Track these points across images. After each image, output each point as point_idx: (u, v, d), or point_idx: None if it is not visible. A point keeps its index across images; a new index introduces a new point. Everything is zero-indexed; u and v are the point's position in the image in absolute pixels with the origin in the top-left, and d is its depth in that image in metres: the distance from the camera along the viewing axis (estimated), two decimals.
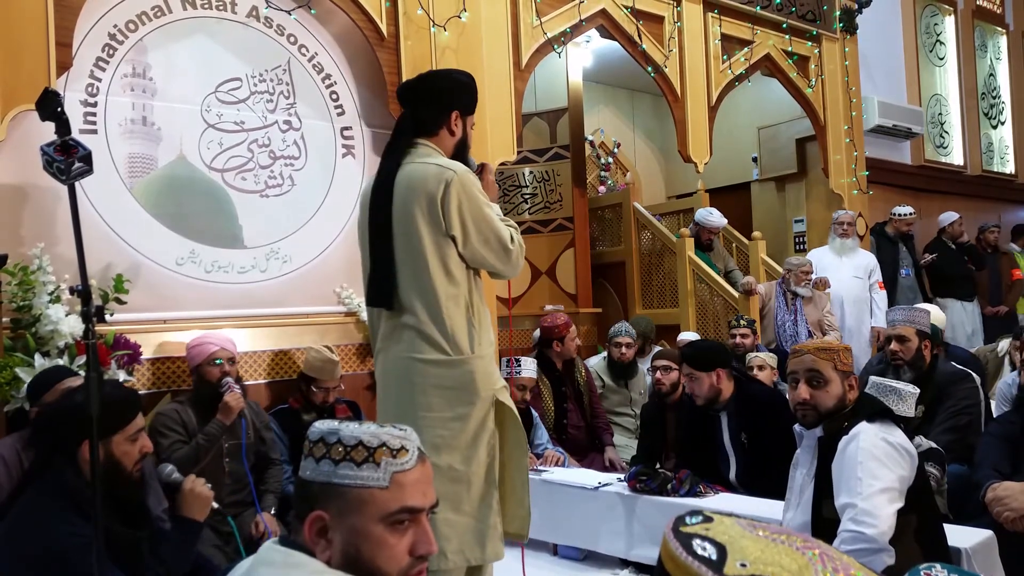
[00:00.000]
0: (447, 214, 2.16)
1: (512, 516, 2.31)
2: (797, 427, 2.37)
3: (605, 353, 5.05)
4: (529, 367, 4.12)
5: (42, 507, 1.95)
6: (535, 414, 4.18)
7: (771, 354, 4.49)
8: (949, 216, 7.22)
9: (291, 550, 1.15)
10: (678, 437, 3.81)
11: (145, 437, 2.09)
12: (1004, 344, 4.82)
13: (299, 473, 1.21)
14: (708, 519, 0.71)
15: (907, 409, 2.86)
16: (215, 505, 2.24)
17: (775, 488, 2.58)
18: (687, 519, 0.71)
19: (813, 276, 5.50)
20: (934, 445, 3.00)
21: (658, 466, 3.67)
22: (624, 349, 4.81)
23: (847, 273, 5.82)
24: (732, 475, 3.32)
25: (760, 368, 4.19)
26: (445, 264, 2.20)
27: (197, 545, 2.24)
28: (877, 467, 2.06)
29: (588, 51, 6.45)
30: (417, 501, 1.19)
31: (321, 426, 1.21)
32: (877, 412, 2.23)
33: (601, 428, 4.58)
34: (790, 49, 6.18)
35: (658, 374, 4.02)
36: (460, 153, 2.36)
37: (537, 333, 4.74)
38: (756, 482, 3.17)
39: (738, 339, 4.74)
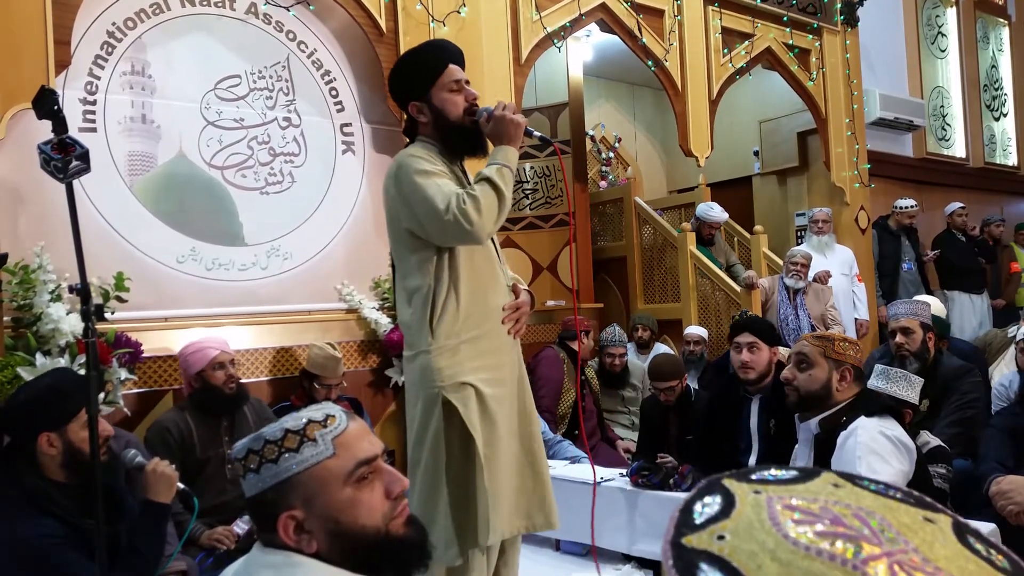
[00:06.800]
0: (397, 203, 2.10)
1: (464, 527, 2.05)
2: (796, 420, 2.37)
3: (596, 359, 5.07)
4: None
5: (6, 515, 1.93)
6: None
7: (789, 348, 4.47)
8: (951, 206, 7.22)
9: (288, 552, 1.14)
10: (681, 429, 3.80)
11: (103, 420, 2.02)
12: (1013, 330, 4.86)
13: (246, 495, 1.19)
14: (727, 507, 0.48)
15: (914, 396, 2.86)
16: (180, 486, 2.15)
17: None
18: (696, 510, 0.49)
19: (810, 270, 5.48)
20: (940, 443, 2.99)
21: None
22: (617, 359, 4.79)
23: (835, 271, 5.82)
24: (752, 461, 3.30)
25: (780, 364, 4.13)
26: (406, 254, 2.12)
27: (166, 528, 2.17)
28: (876, 461, 2.06)
29: (588, 45, 6.42)
30: (367, 452, 1.19)
31: (239, 443, 1.20)
32: (877, 409, 2.23)
33: (604, 427, 4.62)
34: (791, 42, 6.16)
35: (663, 395, 3.93)
36: (446, 130, 2.15)
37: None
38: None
39: None
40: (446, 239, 2.05)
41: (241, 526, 2.99)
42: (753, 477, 0.52)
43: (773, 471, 0.52)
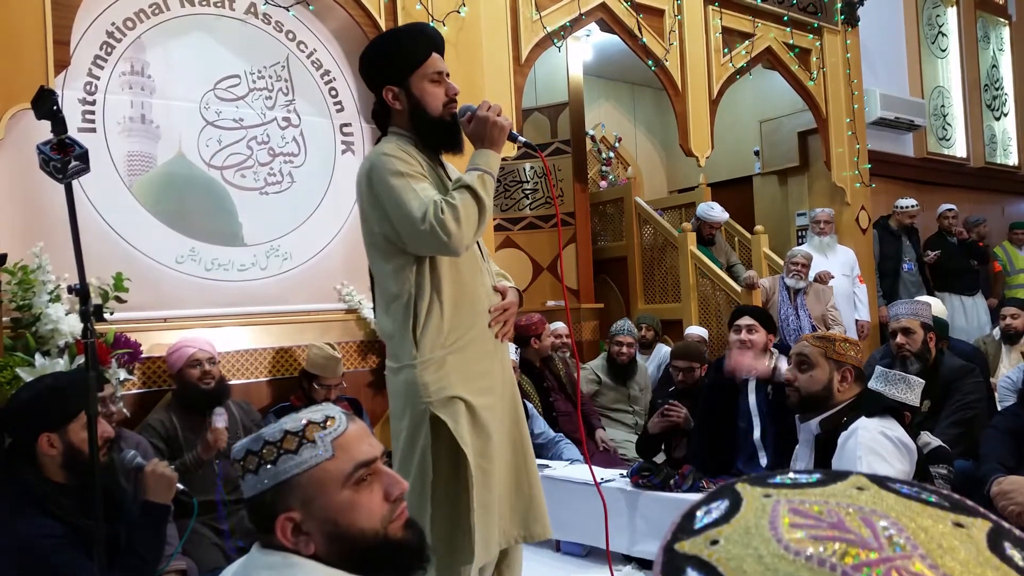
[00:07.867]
0: (369, 205, 2.00)
1: (454, 545, 1.99)
2: (797, 420, 2.37)
3: (605, 351, 5.04)
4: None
5: (6, 515, 1.93)
6: (530, 406, 4.15)
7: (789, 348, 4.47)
8: (941, 207, 7.21)
9: (287, 552, 1.14)
10: (697, 409, 3.81)
11: (104, 422, 2.02)
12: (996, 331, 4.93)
13: (244, 496, 1.19)
14: (730, 512, 0.46)
15: (914, 398, 2.86)
16: (180, 487, 2.15)
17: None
18: (698, 515, 0.48)
19: (811, 270, 5.48)
20: (941, 443, 2.99)
21: (664, 458, 3.66)
22: (625, 348, 4.78)
23: (836, 271, 5.82)
24: (757, 435, 3.29)
25: None
26: (383, 262, 2.01)
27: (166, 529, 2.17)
28: (876, 461, 2.06)
29: (588, 45, 6.42)
30: (366, 454, 1.18)
31: (239, 443, 1.19)
32: (878, 409, 2.23)
33: (589, 413, 4.58)
34: (791, 42, 6.15)
35: (681, 376, 3.93)
36: (422, 122, 2.03)
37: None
38: (780, 441, 3.13)
39: None
40: (421, 249, 1.94)
41: (219, 415, 3.04)
42: (771, 481, 0.49)
43: (792, 475, 0.50)
